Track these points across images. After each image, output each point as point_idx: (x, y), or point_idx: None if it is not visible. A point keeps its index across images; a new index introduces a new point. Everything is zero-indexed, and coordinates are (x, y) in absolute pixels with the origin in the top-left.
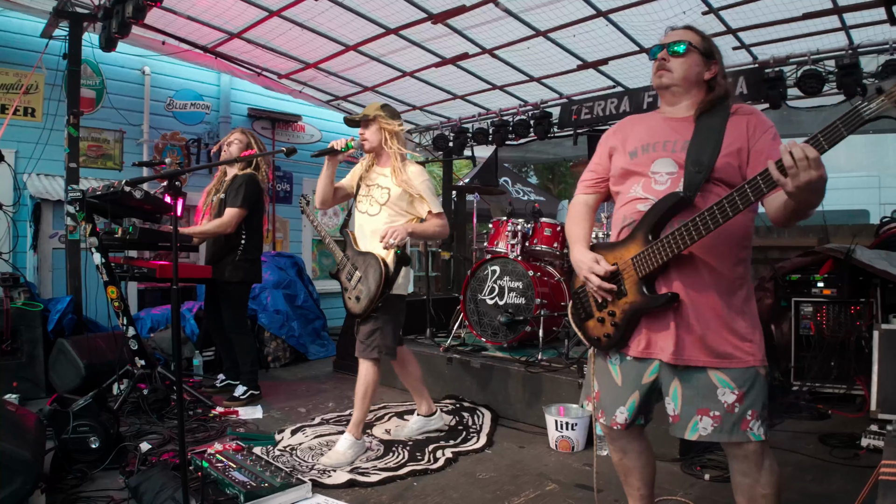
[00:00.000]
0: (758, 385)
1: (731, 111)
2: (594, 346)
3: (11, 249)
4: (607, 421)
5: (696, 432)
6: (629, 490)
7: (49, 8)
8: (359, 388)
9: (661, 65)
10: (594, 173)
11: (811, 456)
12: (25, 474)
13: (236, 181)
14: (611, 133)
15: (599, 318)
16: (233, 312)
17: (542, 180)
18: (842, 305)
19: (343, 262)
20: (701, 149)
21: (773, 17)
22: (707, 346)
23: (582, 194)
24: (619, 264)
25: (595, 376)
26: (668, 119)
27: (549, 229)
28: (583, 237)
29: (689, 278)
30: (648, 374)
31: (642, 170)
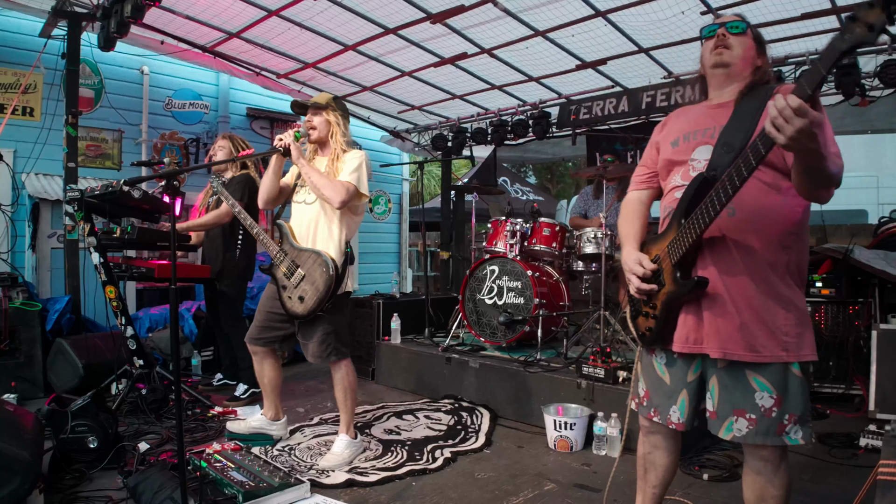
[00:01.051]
0: (796, 386)
1: (773, 92)
2: (641, 341)
3: (10, 249)
4: (663, 420)
5: (731, 433)
6: (643, 486)
7: (48, 7)
8: (337, 392)
9: (720, 41)
10: (645, 168)
11: (809, 455)
12: (24, 474)
13: (234, 181)
14: (658, 127)
15: (645, 312)
16: (230, 310)
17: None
18: (840, 305)
19: (280, 257)
20: (735, 130)
21: (771, 18)
22: (745, 339)
23: (634, 191)
24: (660, 255)
25: (642, 375)
26: (710, 106)
27: (547, 229)
28: (632, 235)
29: (724, 264)
30: (693, 372)
31: (683, 158)
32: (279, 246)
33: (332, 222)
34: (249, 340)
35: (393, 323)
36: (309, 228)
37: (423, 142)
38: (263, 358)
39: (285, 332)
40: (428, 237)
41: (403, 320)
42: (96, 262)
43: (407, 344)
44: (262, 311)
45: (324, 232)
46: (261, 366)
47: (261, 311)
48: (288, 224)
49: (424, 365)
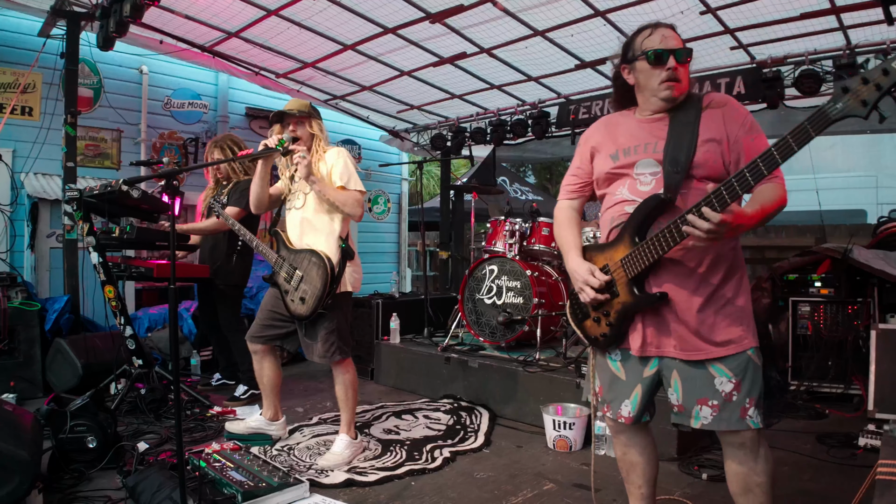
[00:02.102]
0: (753, 372)
1: (704, 104)
2: (593, 344)
3: (9, 249)
4: (613, 415)
5: (700, 420)
6: (630, 488)
7: (46, 7)
8: (339, 392)
9: (672, 76)
10: (577, 178)
11: (808, 455)
12: (22, 474)
13: (240, 185)
14: (588, 136)
15: (595, 317)
16: (228, 313)
17: (539, 180)
18: (839, 305)
19: (279, 263)
20: (677, 147)
21: (770, 17)
22: (702, 338)
23: (566, 199)
24: (609, 265)
25: (596, 372)
26: (643, 121)
27: (546, 229)
28: (575, 244)
29: (677, 275)
30: (649, 368)
31: (626, 172)
32: (277, 253)
33: (324, 222)
34: (250, 338)
35: (392, 323)
36: (303, 231)
37: (422, 141)
38: (263, 357)
39: (286, 330)
40: (427, 237)
41: (402, 320)
42: (95, 261)
43: (406, 344)
44: (265, 310)
45: (317, 232)
46: (260, 365)
47: (263, 310)
48: (283, 232)
49: (423, 365)
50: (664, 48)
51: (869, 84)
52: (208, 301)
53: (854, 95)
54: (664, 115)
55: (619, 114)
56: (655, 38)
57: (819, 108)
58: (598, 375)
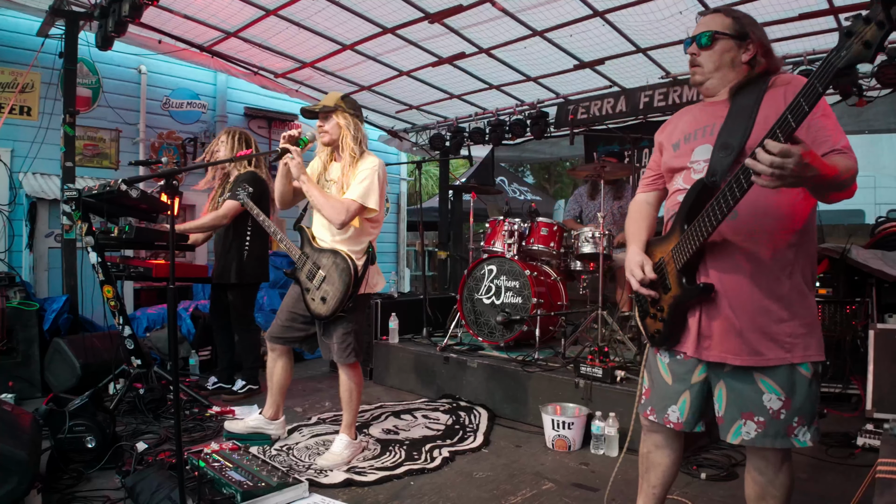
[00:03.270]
0: (805, 388)
1: (769, 84)
2: (650, 341)
3: (7, 248)
4: (659, 419)
5: (739, 436)
6: (644, 485)
7: (45, 6)
8: (343, 393)
9: (692, 60)
10: (651, 171)
11: (807, 455)
12: (21, 474)
13: (241, 177)
14: (661, 129)
15: (653, 314)
16: (241, 312)
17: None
18: (837, 305)
19: (302, 259)
20: (732, 130)
21: (769, 18)
22: (746, 342)
23: (641, 192)
24: (664, 258)
25: (647, 372)
26: (706, 104)
27: (545, 229)
28: (636, 236)
29: (726, 267)
30: (698, 374)
31: (684, 161)
32: (301, 249)
33: (351, 228)
34: (270, 338)
35: (391, 322)
36: (329, 230)
37: (420, 141)
38: (279, 357)
39: (307, 332)
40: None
41: (401, 320)
42: (94, 261)
43: (405, 343)
44: (286, 311)
45: (343, 233)
46: (274, 364)
47: (284, 311)
48: (308, 228)
49: (422, 364)
50: (689, 36)
51: (871, 24)
52: (219, 299)
53: (858, 38)
54: (725, 97)
55: (693, 105)
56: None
57: (825, 58)
58: (647, 376)
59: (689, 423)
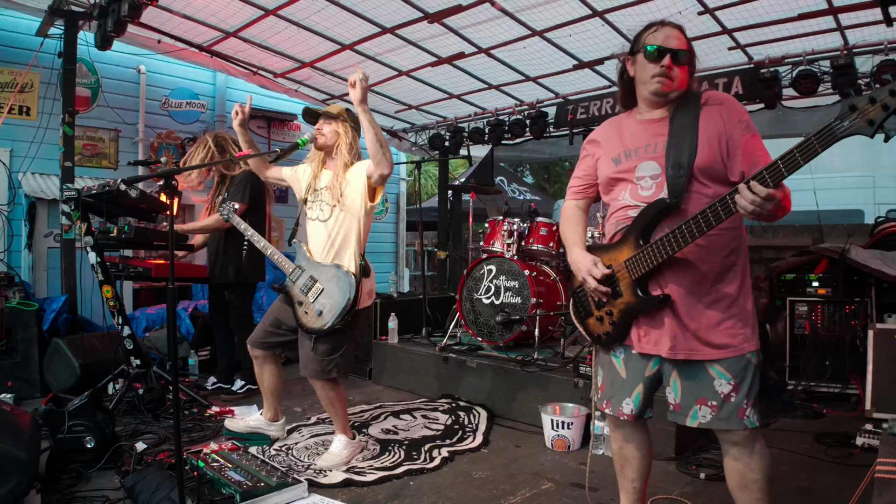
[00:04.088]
0: (751, 374)
1: (702, 102)
2: (596, 342)
3: (6, 248)
4: (613, 411)
5: (697, 420)
6: (623, 482)
7: (44, 6)
8: (326, 404)
9: (664, 73)
10: (581, 179)
11: (806, 455)
12: (20, 474)
13: (237, 178)
14: (592, 139)
15: (598, 316)
16: (239, 312)
17: (537, 180)
18: (837, 305)
19: (296, 273)
20: (678, 150)
21: (768, 18)
22: (701, 340)
23: (572, 200)
24: (613, 266)
25: (599, 368)
26: (643, 122)
27: (545, 229)
28: (579, 239)
29: (680, 277)
30: (651, 367)
31: (627, 176)
32: (295, 263)
33: (348, 237)
34: (252, 343)
35: (390, 322)
36: (325, 244)
37: (420, 141)
38: (264, 362)
39: (289, 338)
40: (425, 237)
41: (401, 320)
42: (93, 261)
43: (404, 343)
44: (270, 317)
45: (341, 247)
46: (261, 370)
47: (269, 316)
48: (303, 243)
49: (422, 364)
50: (663, 46)
51: (876, 104)
52: (218, 299)
53: (861, 114)
54: (664, 115)
55: (623, 115)
56: (659, 35)
57: (827, 125)
58: (602, 371)
59: (640, 413)
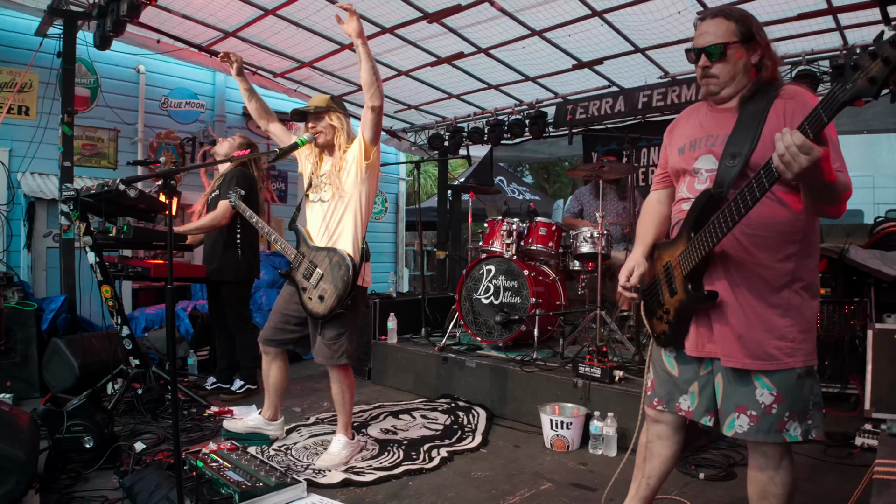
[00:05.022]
0: (797, 386)
1: (778, 95)
2: (655, 340)
3: (5, 248)
4: (670, 409)
5: (733, 429)
6: (639, 475)
7: (43, 6)
8: (336, 395)
9: (704, 73)
10: (661, 168)
11: (805, 455)
12: (19, 474)
13: (227, 175)
14: (669, 127)
15: (659, 315)
16: (236, 310)
17: (537, 180)
18: (836, 305)
19: (298, 258)
20: (739, 141)
21: (767, 18)
22: (746, 346)
23: (653, 191)
24: (671, 262)
25: (651, 366)
26: (713, 111)
27: (544, 229)
28: (642, 238)
29: (732, 275)
30: (704, 368)
31: (687, 167)
32: (297, 249)
33: (347, 219)
34: (263, 341)
35: (389, 322)
36: (326, 227)
37: (419, 141)
38: (273, 359)
39: (300, 334)
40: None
41: (400, 320)
42: (92, 261)
43: (403, 343)
44: (278, 313)
45: (340, 229)
46: (269, 366)
47: (276, 313)
48: (305, 228)
49: (421, 364)
50: (693, 46)
51: (877, 59)
52: (216, 299)
53: (863, 73)
54: (734, 105)
55: (700, 103)
56: (697, 33)
57: (830, 91)
58: (653, 370)
59: (699, 414)
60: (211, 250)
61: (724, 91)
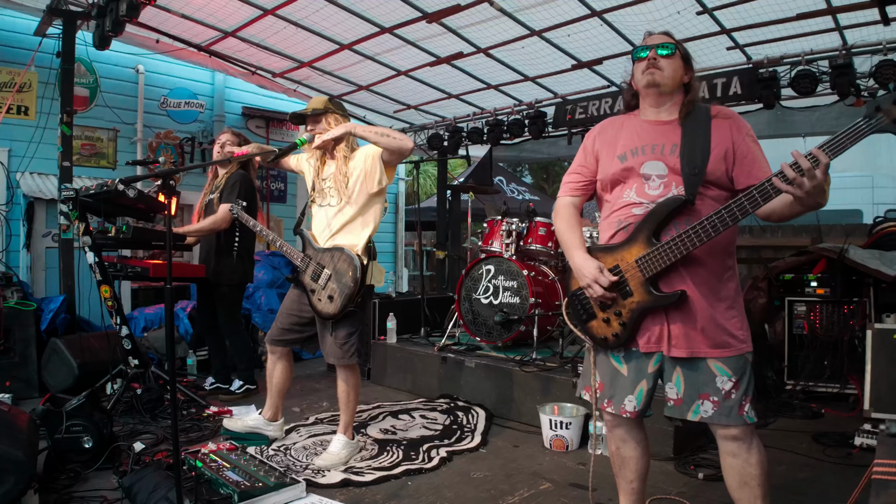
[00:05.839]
0: (748, 372)
1: (712, 114)
2: (600, 345)
3: (4, 248)
4: (616, 409)
5: (699, 414)
6: (622, 483)
7: (42, 6)
8: (341, 394)
9: (651, 63)
10: (581, 175)
11: (804, 455)
12: (18, 474)
13: (230, 179)
14: (594, 136)
15: (604, 318)
16: (227, 313)
17: (536, 180)
18: (835, 305)
19: (305, 261)
20: (692, 152)
21: (767, 18)
22: (707, 337)
23: (568, 196)
24: (621, 265)
25: (596, 369)
26: (652, 122)
27: (543, 229)
28: (580, 242)
29: (691, 275)
30: (653, 364)
31: (633, 174)
32: (303, 252)
33: (356, 221)
34: (270, 341)
35: (389, 322)
36: (331, 231)
37: (419, 141)
38: (279, 359)
39: (307, 334)
40: (424, 237)
41: (399, 320)
42: (91, 261)
43: (403, 343)
44: (285, 314)
45: (349, 231)
46: (274, 366)
47: (283, 314)
48: (310, 232)
49: (420, 364)
50: (644, 45)
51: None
52: (207, 301)
53: (888, 115)
54: (672, 118)
55: (624, 115)
56: (646, 42)
57: (855, 123)
58: (599, 371)
59: (642, 411)
60: (208, 252)
61: (665, 86)
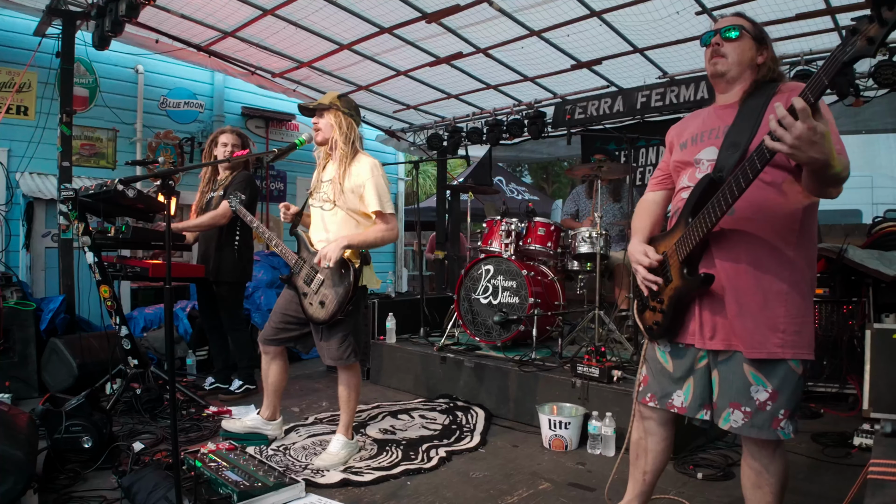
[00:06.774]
0: (791, 383)
1: (776, 90)
2: (648, 334)
3: (4, 248)
4: (661, 405)
5: (728, 423)
6: (635, 473)
7: (42, 6)
8: (342, 393)
9: (714, 50)
10: (660, 170)
11: (803, 454)
12: (17, 474)
13: (237, 178)
14: (672, 129)
15: (652, 306)
16: (229, 311)
17: (536, 180)
18: (834, 305)
19: (299, 264)
20: (739, 130)
21: (766, 18)
22: (743, 333)
23: (649, 192)
24: (667, 251)
25: (645, 363)
26: (717, 108)
27: (542, 229)
28: (639, 230)
29: (727, 261)
30: (699, 360)
31: (689, 160)
32: (297, 254)
33: (352, 225)
34: (263, 341)
35: (388, 322)
36: (328, 233)
37: (418, 141)
38: (273, 358)
39: (300, 332)
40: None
41: (399, 320)
42: (91, 261)
43: (402, 343)
44: (278, 313)
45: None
46: (268, 366)
47: (276, 313)
48: (306, 233)
49: (420, 364)
50: (712, 29)
51: (874, 21)
52: (208, 299)
53: (862, 35)
54: (735, 100)
55: (703, 108)
56: (716, 26)
57: (831, 54)
58: (646, 365)
59: (693, 409)
60: (207, 250)
61: (730, 73)
